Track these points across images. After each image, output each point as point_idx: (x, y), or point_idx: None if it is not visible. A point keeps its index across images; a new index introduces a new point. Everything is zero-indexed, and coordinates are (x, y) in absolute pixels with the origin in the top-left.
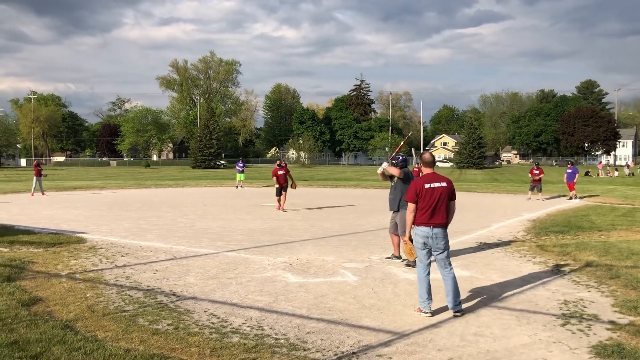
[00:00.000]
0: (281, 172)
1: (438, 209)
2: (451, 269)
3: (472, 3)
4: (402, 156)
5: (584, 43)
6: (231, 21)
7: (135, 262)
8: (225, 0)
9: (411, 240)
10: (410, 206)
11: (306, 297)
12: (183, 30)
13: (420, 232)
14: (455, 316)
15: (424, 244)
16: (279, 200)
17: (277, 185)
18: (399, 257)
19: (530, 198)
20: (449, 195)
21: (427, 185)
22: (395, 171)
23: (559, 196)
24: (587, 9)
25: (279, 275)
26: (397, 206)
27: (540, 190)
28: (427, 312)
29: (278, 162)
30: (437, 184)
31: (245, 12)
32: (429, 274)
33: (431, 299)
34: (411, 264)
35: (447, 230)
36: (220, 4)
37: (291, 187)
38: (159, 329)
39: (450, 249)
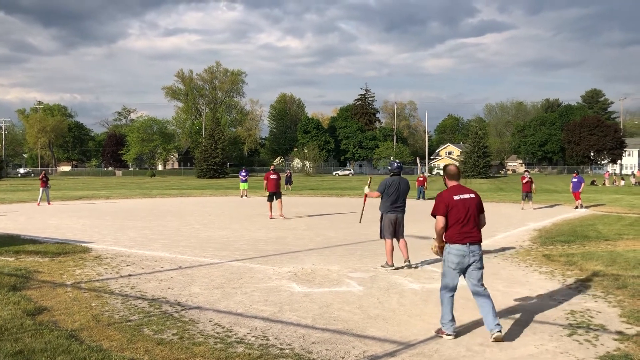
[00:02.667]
0: (273, 176)
1: (472, 223)
2: (485, 287)
3: (475, 13)
4: (397, 163)
5: (588, 53)
6: (235, 31)
7: (140, 272)
8: (229, 11)
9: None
10: (440, 219)
11: (311, 307)
12: (188, 41)
13: (456, 251)
14: (496, 338)
15: (459, 263)
16: (270, 208)
17: (268, 191)
18: (407, 261)
19: (523, 208)
20: (479, 207)
21: (456, 197)
22: (374, 194)
23: (552, 205)
24: (590, 18)
25: (283, 285)
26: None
27: (531, 199)
28: (450, 335)
29: (272, 167)
30: (466, 196)
31: (249, 23)
32: (453, 296)
33: (454, 321)
34: (385, 266)
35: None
36: (225, 14)
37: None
38: (164, 339)
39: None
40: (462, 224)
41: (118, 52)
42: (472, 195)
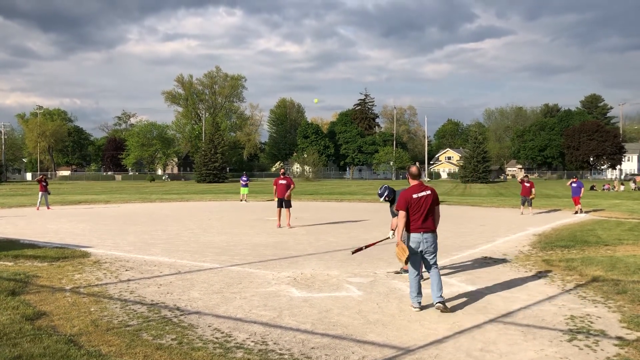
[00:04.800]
0: (282, 182)
1: (427, 216)
2: (436, 267)
3: (474, 18)
4: (387, 189)
5: (586, 58)
6: (235, 37)
7: (140, 277)
8: (228, 16)
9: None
10: (401, 214)
11: (310, 312)
12: (187, 46)
13: (413, 238)
14: (437, 307)
15: (416, 247)
16: (279, 215)
17: (276, 197)
18: (407, 271)
19: (522, 213)
20: (434, 201)
21: (415, 196)
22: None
23: (552, 210)
24: (588, 24)
25: (283, 289)
26: None
27: (530, 204)
28: (416, 307)
29: (282, 172)
30: (423, 194)
31: (248, 28)
32: (418, 274)
33: (420, 295)
34: (400, 272)
35: (439, 238)
36: (224, 19)
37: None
38: (163, 344)
39: (438, 252)
40: (418, 217)
41: (117, 57)
42: (428, 192)
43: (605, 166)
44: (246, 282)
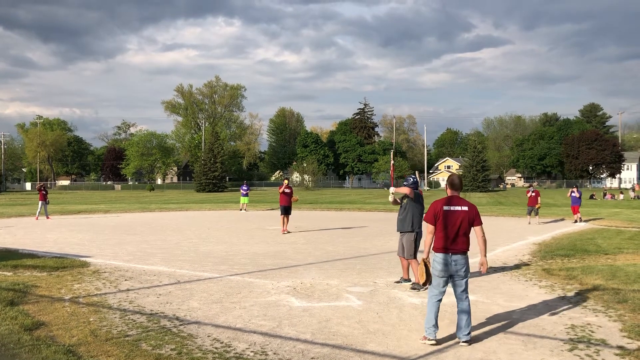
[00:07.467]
0: (287, 190)
1: (457, 235)
2: (467, 296)
3: (471, 28)
4: (413, 178)
5: (584, 67)
6: (233, 46)
7: (139, 286)
8: (227, 27)
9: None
10: (429, 227)
11: (310, 322)
12: (186, 56)
13: (439, 259)
14: (462, 345)
15: (442, 270)
16: (283, 221)
17: (280, 204)
18: (408, 280)
19: (530, 222)
20: (470, 220)
21: (445, 208)
22: (405, 190)
23: (559, 220)
24: (585, 33)
25: (282, 299)
26: (405, 227)
27: (537, 214)
28: (431, 340)
29: (286, 181)
30: (457, 208)
31: (247, 38)
32: (440, 300)
33: (437, 327)
34: (416, 288)
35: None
36: (223, 29)
37: (292, 199)
38: (162, 354)
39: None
40: (447, 233)
41: (117, 67)
42: (465, 208)
43: (604, 175)
44: (246, 291)
